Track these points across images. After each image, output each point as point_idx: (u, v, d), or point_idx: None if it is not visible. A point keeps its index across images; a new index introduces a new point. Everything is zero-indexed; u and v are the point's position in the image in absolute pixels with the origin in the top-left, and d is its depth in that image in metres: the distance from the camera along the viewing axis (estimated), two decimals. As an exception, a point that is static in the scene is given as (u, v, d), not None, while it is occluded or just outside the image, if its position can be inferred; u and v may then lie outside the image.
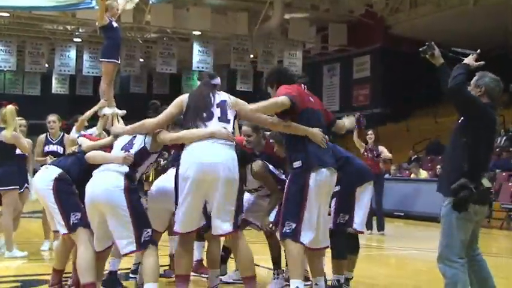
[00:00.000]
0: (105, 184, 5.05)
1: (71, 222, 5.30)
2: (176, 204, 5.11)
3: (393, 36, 28.22)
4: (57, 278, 5.70)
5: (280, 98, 5.10)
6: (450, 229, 4.74)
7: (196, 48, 28.70)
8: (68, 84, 34.00)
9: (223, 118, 5.20)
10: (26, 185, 8.84)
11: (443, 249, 4.77)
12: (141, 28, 29.96)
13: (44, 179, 5.48)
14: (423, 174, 18.67)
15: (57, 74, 32.67)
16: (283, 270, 6.37)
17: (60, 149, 8.95)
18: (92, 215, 5.18)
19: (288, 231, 5.02)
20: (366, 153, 12.43)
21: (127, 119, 8.84)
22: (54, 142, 9.04)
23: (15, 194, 8.38)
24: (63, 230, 5.39)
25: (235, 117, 5.33)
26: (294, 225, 4.99)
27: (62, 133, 9.13)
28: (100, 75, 27.42)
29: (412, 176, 18.76)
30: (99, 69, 31.65)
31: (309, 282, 6.36)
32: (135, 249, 5.02)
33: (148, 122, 5.40)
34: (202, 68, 29.18)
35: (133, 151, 5.28)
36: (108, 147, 5.56)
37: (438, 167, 19.70)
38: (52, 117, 9.12)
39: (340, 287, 5.75)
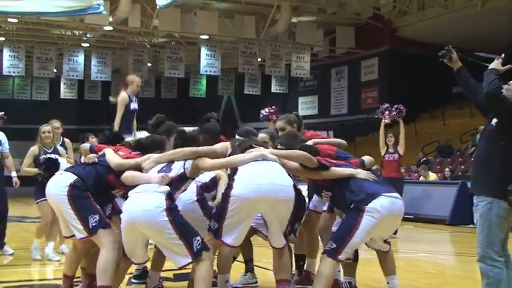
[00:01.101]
0: (146, 205, 4.91)
1: (90, 225, 5.22)
2: (217, 220, 5.18)
3: (401, 38, 28.22)
4: (67, 283, 5.68)
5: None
6: (490, 228, 4.84)
7: (203, 52, 28.74)
8: (76, 89, 34.19)
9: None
10: None
11: (485, 249, 4.86)
12: (149, 33, 30.03)
13: (58, 185, 5.40)
14: (432, 176, 18.61)
15: (65, 79, 32.82)
16: (293, 274, 6.38)
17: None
18: (130, 235, 5.05)
19: (327, 249, 5.27)
20: (386, 156, 12.54)
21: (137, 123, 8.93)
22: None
23: None
24: (81, 235, 5.28)
25: None
26: (334, 245, 5.22)
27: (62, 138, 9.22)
28: (108, 80, 27.47)
29: (421, 178, 18.70)
30: (107, 74, 31.74)
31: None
32: (190, 260, 4.95)
33: (184, 151, 5.37)
34: (210, 71, 29.24)
35: (171, 174, 5.17)
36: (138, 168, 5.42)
37: (447, 169, 19.68)
38: (57, 124, 9.09)
39: None
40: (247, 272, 6.82)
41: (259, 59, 29.91)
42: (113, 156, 5.57)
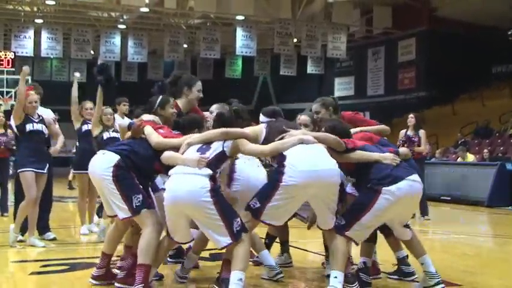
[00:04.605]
0: (190, 186, 4.93)
1: (134, 205, 5.23)
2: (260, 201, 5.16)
3: (439, 18, 27.86)
4: (105, 261, 5.71)
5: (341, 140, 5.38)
6: None
7: (239, 33, 28.72)
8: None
9: None
10: None
11: None
12: (185, 14, 30.08)
13: (102, 165, 5.35)
14: (470, 157, 18.40)
15: (102, 60, 33.04)
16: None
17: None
18: (174, 215, 5.09)
19: (336, 224, 5.27)
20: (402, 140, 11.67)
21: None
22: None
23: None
24: (124, 215, 5.30)
25: None
26: (343, 222, 5.24)
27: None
28: (145, 61, 27.64)
29: (459, 159, 18.51)
30: (144, 55, 31.76)
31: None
32: (230, 241, 4.97)
33: (216, 132, 5.34)
34: (246, 52, 29.21)
35: (209, 154, 5.15)
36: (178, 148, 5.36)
37: (485, 151, 19.42)
38: (89, 104, 8.96)
39: (367, 269, 5.76)
40: (283, 253, 6.87)
41: (295, 40, 29.80)
42: (153, 134, 5.52)
